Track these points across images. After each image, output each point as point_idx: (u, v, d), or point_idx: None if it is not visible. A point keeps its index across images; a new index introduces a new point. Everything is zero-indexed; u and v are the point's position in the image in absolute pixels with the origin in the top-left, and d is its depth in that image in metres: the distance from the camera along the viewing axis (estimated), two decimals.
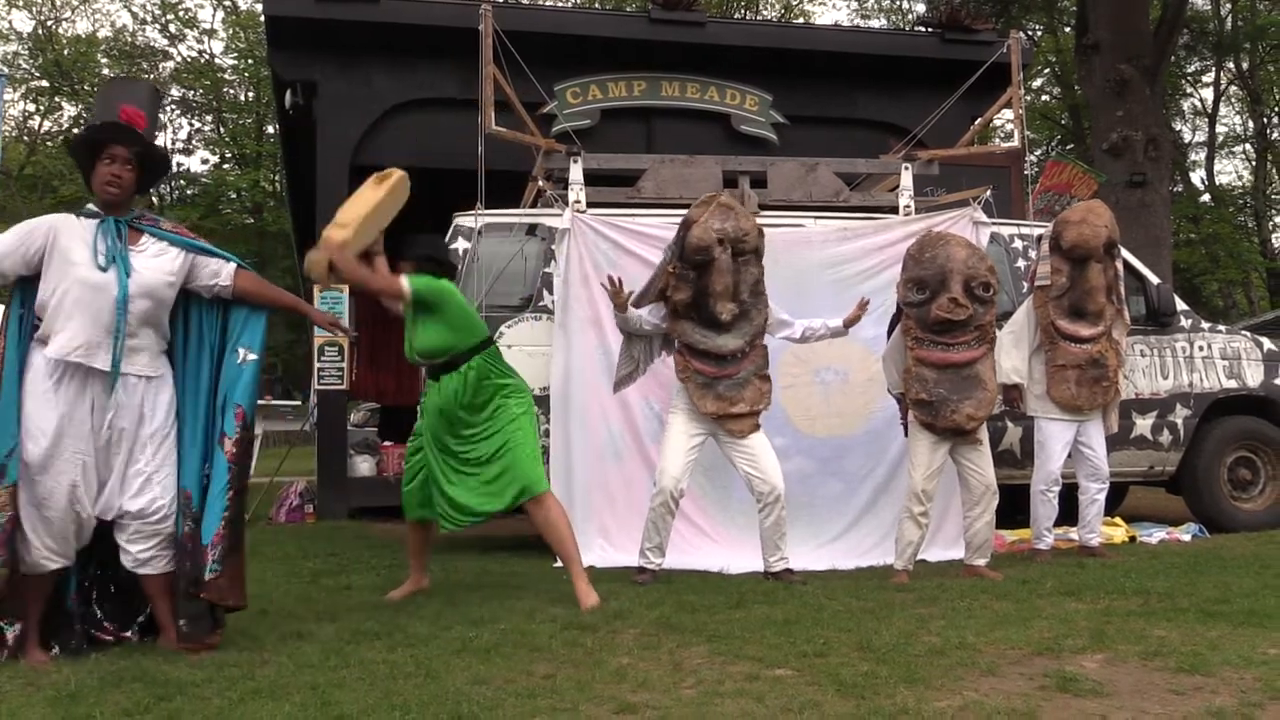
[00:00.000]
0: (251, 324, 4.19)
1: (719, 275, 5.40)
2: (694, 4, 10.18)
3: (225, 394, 4.05)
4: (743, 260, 5.49)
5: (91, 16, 32.55)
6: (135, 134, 3.99)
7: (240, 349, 4.13)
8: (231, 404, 4.04)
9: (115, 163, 3.95)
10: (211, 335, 4.15)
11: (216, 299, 4.16)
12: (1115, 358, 6.00)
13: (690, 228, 5.44)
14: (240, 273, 4.18)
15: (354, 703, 3.15)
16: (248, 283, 4.20)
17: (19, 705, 3.21)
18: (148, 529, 3.89)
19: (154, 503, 3.89)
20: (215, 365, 4.11)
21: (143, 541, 3.90)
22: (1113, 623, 4.13)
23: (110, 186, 3.94)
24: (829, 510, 6.47)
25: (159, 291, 3.97)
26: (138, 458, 3.90)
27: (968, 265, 5.49)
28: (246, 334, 4.16)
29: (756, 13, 27.30)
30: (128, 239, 3.96)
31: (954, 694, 3.20)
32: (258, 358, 4.14)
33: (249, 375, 4.10)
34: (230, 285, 4.14)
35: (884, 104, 10.51)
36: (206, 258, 4.12)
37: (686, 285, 5.48)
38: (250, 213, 28.75)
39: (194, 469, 3.99)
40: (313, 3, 9.15)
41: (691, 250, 5.40)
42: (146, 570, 3.92)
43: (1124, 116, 12.65)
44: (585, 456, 6.39)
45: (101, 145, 3.96)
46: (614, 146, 8.44)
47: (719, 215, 5.46)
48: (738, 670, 3.51)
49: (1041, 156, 24.21)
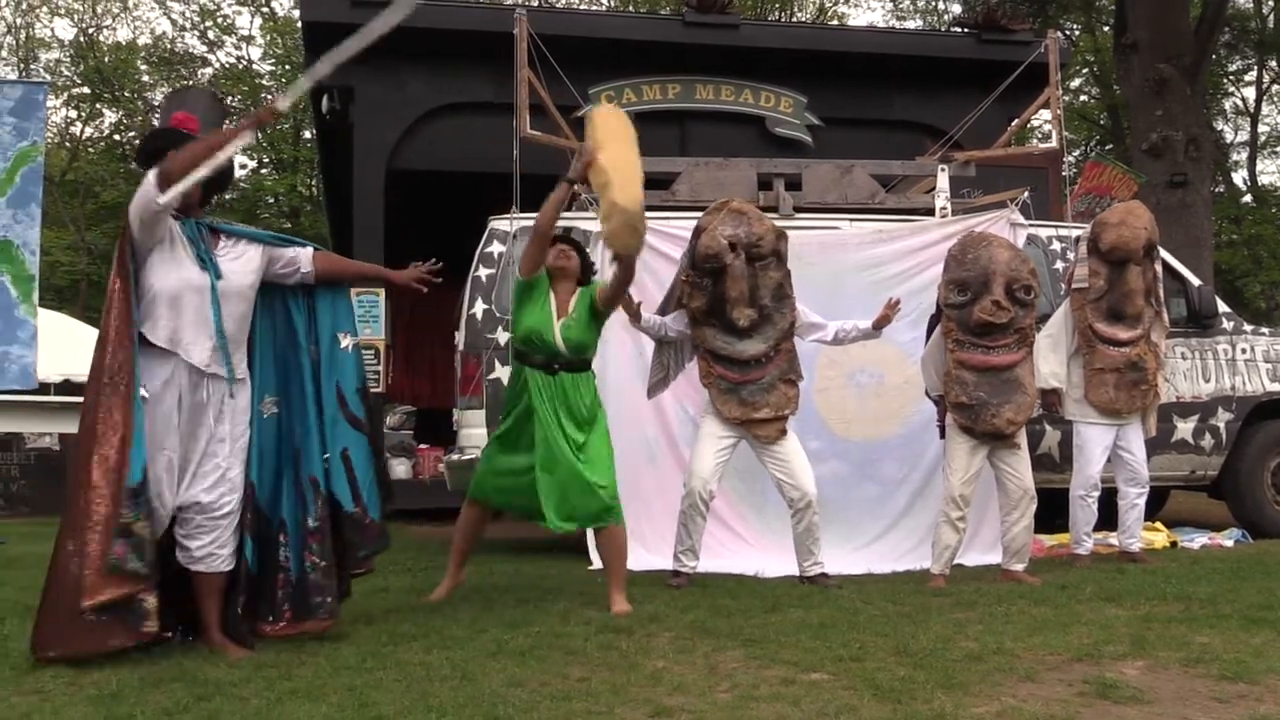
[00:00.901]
0: (340, 308, 4.32)
1: (733, 281, 5.38)
2: (728, 6, 10.18)
3: (341, 381, 4.19)
4: (760, 265, 5.47)
5: (132, 24, 32.92)
6: (190, 137, 4.04)
7: (340, 335, 4.26)
8: (351, 388, 4.21)
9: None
10: (305, 326, 4.24)
11: (300, 286, 4.24)
12: (1154, 361, 5.93)
13: (700, 235, 5.44)
14: (318, 255, 4.29)
15: (390, 704, 3.17)
16: (327, 263, 4.32)
17: (62, 704, 3.26)
18: (209, 523, 3.93)
19: (223, 497, 3.94)
20: (311, 355, 4.20)
21: (203, 536, 3.92)
22: (1154, 629, 4.08)
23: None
24: (865, 514, 6.43)
25: (245, 292, 4.05)
26: (215, 452, 3.96)
27: (1010, 267, 5.45)
28: (339, 319, 4.29)
29: (791, 15, 27.21)
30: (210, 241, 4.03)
31: (992, 700, 3.18)
32: (356, 339, 4.29)
33: (354, 358, 4.27)
34: (312, 270, 4.23)
35: (920, 105, 10.46)
36: (282, 248, 4.21)
37: (701, 293, 5.47)
38: (288, 217, 28.98)
39: (315, 457, 4.11)
40: (349, 8, 9.20)
41: (701, 258, 5.40)
42: (201, 568, 3.94)
43: (1164, 116, 12.50)
44: (619, 460, 6.34)
45: (162, 153, 3.99)
46: (648, 149, 8.34)
47: (730, 221, 5.45)
48: (773, 674, 3.50)
49: (1080, 157, 23.99)
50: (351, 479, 4.15)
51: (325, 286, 4.31)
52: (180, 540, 3.95)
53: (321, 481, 4.11)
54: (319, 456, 4.12)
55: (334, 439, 4.16)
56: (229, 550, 3.98)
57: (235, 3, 27.33)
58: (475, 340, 6.79)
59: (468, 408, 6.75)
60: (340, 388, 4.19)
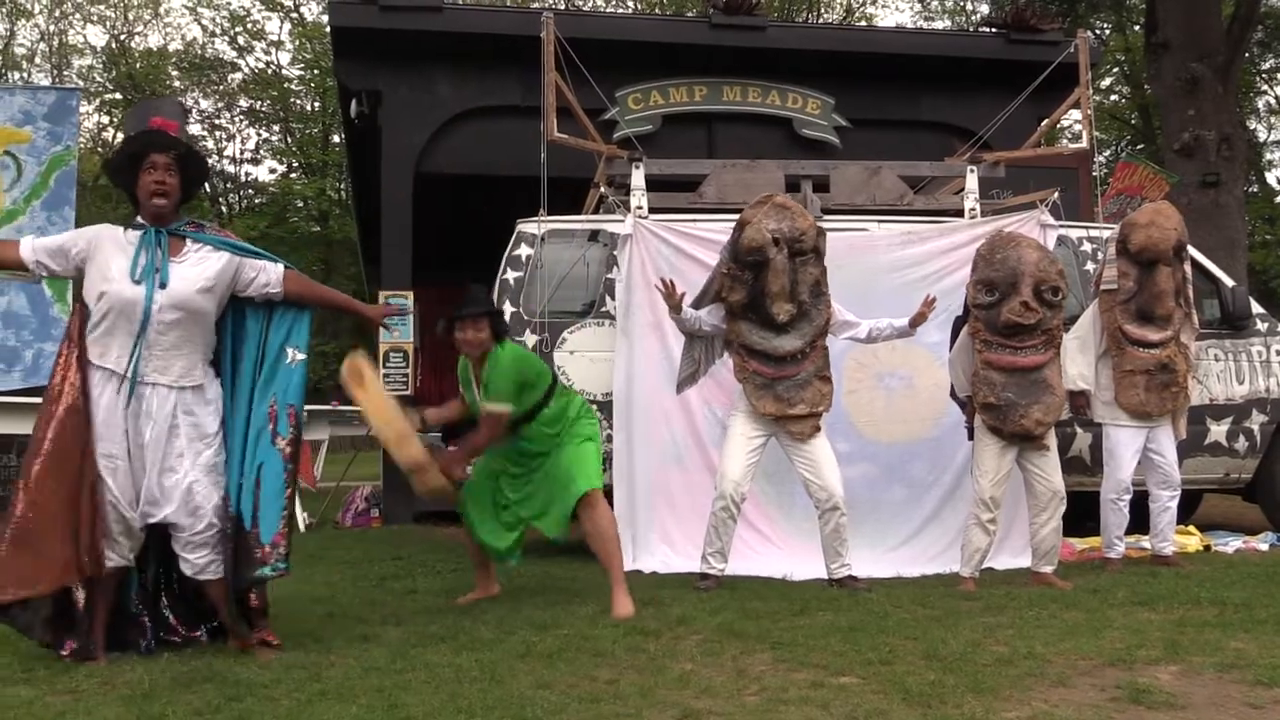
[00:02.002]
0: (297, 324, 4.19)
1: (774, 276, 5.37)
2: (755, 8, 10.15)
3: (277, 395, 4.05)
4: (801, 260, 5.46)
5: (163, 30, 33.31)
6: (172, 137, 4.03)
7: (289, 349, 4.13)
8: (284, 405, 4.05)
9: (157, 170, 3.97)
10: (257, 336, 4.15)
11: (265, 301, 4.17)
12: (1184, 362, 5.87)
13: (744, 228, 5.42)
14: (289, 275, 4.20)
15: (419, 705, 3.18)
16: (297, 285, 4.22)
17: (96, 704, 3.29)
18: (196, 539, 3.90)
19: (196, 511, 3.89)
20: (257, 366, 4.11)
21: (196, 550, 3.91)
22: (1187, 633, 4.04)
23: (157, 196, 3.96)
24: (894, 516, 6.41)
25: (191, 302, 3.95)
26: (175, 467, 3.90)
27: (1039, 268, 5.41)
28: (294, 334, 4.16)
29: (818, 16, 27.15)
30: (169, 249, 3.98)
31: (1023, 704, 3.16)
32: (305, 357, 4.15)
33: (299, 375, 4.12)
34: (281, 290, 4.15)
35: (948, 106, 10.39)
36: (254, 260, 4.13)
37: (742, 286, 5.46)
38: (316, 221, 29.16)
39: (234, 469, 4.00)
40: (377, 13, 9.27)
41: (745, 251, 5.38)
42: (205, 576, 3.94)
43: (1195, 116, 12.38)
44: (647, 461, 6.39)
45: (140, 156, 3.99)
46: (675, 152, 8.44)
47: (774, 215, 5.43)
48: (802, 678, 3.49)
49: (1110, 157, 23.82)
50: (255, 498, 3.97)
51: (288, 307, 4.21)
52: (180, 554, 3.93)
53: (233, 498, 3.98)
54: (236, 470, 4.00)
55: (252, 455, 4.01)
56: (224, 556, 3.94)
57: (265, 8, 27.57)
58: None
59: None
60: (274, 403, 4.04)
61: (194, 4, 27.27)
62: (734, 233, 5.50)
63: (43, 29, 27.14)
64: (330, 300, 4.62)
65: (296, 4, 27.88)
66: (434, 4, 9.38)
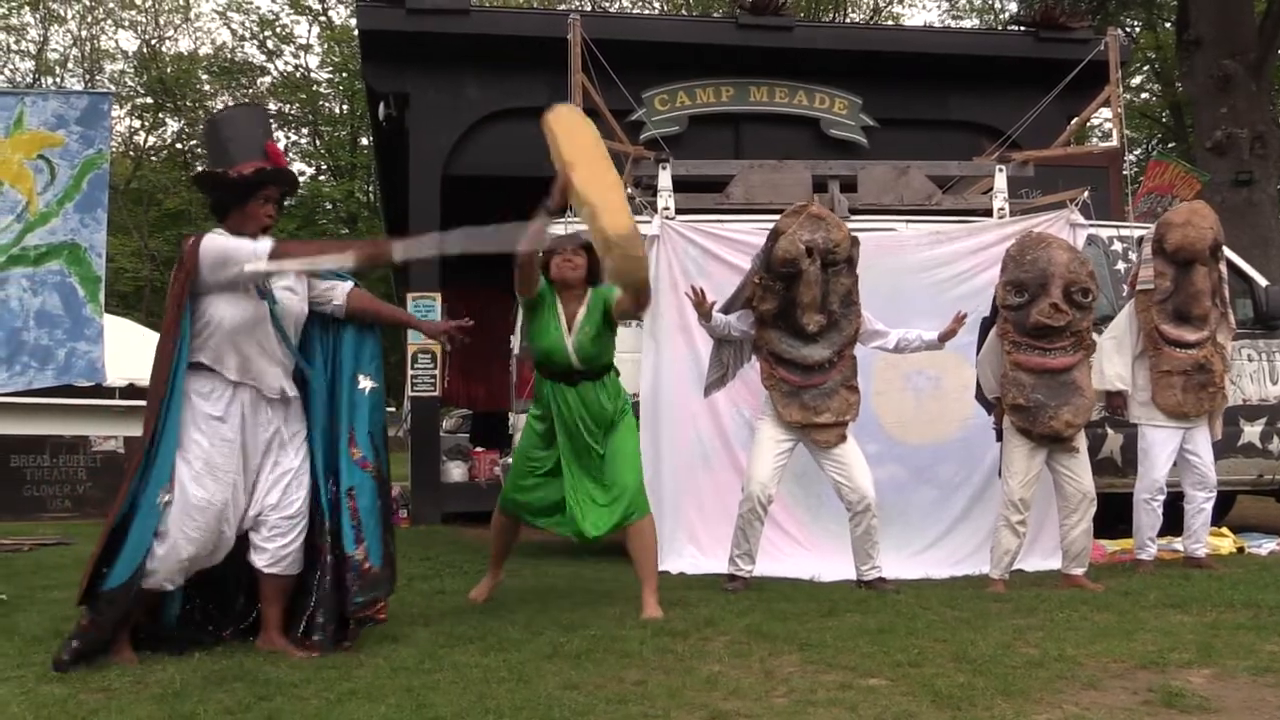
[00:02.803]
0: (366, 349, 4.25)
1: (807, 287, 5.35)
2: (782, 8, 10.13)
3: (351, 423, 4.12)
4: (833, 271, 5.44)
5: (193, 35, 33.60)
6: (296, 180, 4.18)
7: (361, 376, 4.20)
8: (363, 432, 4.12)
9: (270, 203, 4.08)
10: (321, 352, 4.23)
11: (329, 320, 4.25)
12: (1221, 363, 5.82)
13: (778, 239, 5.40)
14: (354, 292, 4.26)
15: (448, 705, 3.19)
16: (361, 301, 4.28)
17: (128, 702, 3.32)
18: (285, 524, 3.99)
19: (291, 493, 4.01)
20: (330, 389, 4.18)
21: (281, 538, 3.99)
22: (1220, 636, 3.99)
23: (266, 228, 4.06)
24: (922, 518, 6.37)
25: (300, 318, 4.12)
26: (280, 461, 4.04)
27: (1069, 270, 5.36)
28: (362, 360, 4.22)
29: (845, 16, 27.06)
30: None
31: (1054, 707, 3.13)
32: (378, 385, 4.19)
33: (374, 402, 4.18)
34: (344, 305, 4.22)
35: (977, 105, 10.34)
36: (319, 277, 4.22)
37: (773, 296, 5.44)
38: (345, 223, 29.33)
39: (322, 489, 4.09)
40: (404, 16, 9.31)
41: (778, 262, 5.36)
42: (278, 569, 4.00)
43: (1228, 113, 12.25)
44: (674, 463, 6.39)
45: (261, 185, 4.05)
46: (702, 152, 8.44)
47: (808, 226, 5.41)
48: (830, 679, 3.48)
49: (1141, 156, 23.59)
50: (356, 520, 4.05)
51: (355, 325, 4.27)
52: (260, 545, 3.99)
53: (327, 514, 4.07)
54: (325, 486, 4.09)
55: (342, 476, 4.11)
56: (300, 553, 4.03)
57: (293, 12, 27.75)
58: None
59: (523, 411, 6.78)
60: (353, 430, 4.12)
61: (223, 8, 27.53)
62: (767, 242, 5.48)
63: (75, 34, 27.46)
64: (393, 317, 4.77)
65: (325, 7, 28.06)
66: (461, 7, 9.42)
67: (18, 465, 10.17)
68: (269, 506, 3.99)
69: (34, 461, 10.22)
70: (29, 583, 5.80)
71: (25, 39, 27.20)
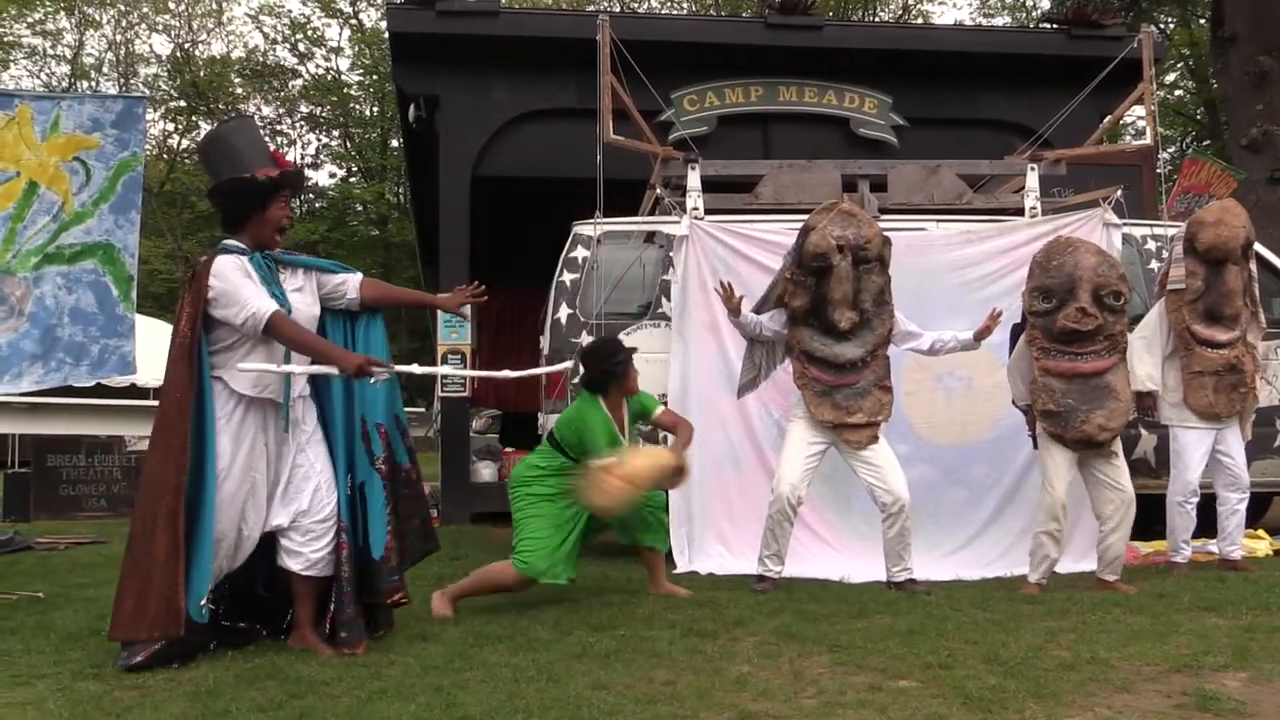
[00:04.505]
0: (373, 341, 4.30)
1: (838, 283, 5.34)
2: (810, 8, 10.10)
3: (363, 415, 4.17)
4: (865, 268, 5.42)
5: (225, 39, 33.85)
6: (304, 181, 4.24)
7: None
8: (373, 425, 4.17)
9: (287, 205, 4.17)
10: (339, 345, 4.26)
11: (343, 313, 4.29)
12: (1252, 363, 5.75)
13: (809, 234, 5.39)
14: (365, 282, 4.32)
15: (477, 704, 3.20)
16: (374, 291, 4.34)
17: (162, 699, 3.36)
18: (319, 528, 4.03)
19: (317, 492, 4.04)
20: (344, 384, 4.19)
21: (315, 542, 4.03)
22: (1256, 639, 3.95)
23: (283, 229, 4.16)
24: (953, 519, 6.34)
25: (309, 318, 4.15)
26: (299, 462, 4.08)
27: (1097, 273, 5.30)
28: (372, 351, 4.24)
29: (874, 14, 26.96)
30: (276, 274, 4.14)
31: (1086, 710, 3.11)
32: (388, 376, 4.19)
33: (384, 394, 4.22)
34: (358, 297, 4.27)
35: (1008, 104, 10.27)
36: (329, 274, 4.27)
37: (804, 292, 5.43)
38: (375, 224, 29.53)
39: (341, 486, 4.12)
40: (434, 19, 9.36)
41: (809, 257, 5.35)
42: (314, 572, 4.04)
43: (1264, 110, 12.09)
44: (703, 463, 6.38)
45: (279, 189, 4.12)
46: (731, 153, 8.43)
47: (839, 222, 5.40)
48: (860, 681, 3.46)
49: (1175, 154, 23.38)
50: (363, 514, 4.11)
51: (363, 315, 4.33)
52: (294, 550, 4.02)
53: (343, 507, 4.11)
54: (344, 479, 4.13)
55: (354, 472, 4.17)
56: (333, 554, 4.05)
57: (324, 15, 27.95)
58: (560, 344, 6.84)
59: (553, 411, 6.80)
60: (364, 422, 4.17)
61: (256, 12, 27.77)
62: (798, 238, 5.48)
63: (110, 39, 27.77)
64: (407, 300, 5.09)
65: (355, 10, 28.26)
66: (490, 9, 9.46)
67: (54, 465, 10.31)
68: (301, 512, 4.02)
69: (70, 461, 10.34)
70: (65, 581, 5.87)
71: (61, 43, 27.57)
